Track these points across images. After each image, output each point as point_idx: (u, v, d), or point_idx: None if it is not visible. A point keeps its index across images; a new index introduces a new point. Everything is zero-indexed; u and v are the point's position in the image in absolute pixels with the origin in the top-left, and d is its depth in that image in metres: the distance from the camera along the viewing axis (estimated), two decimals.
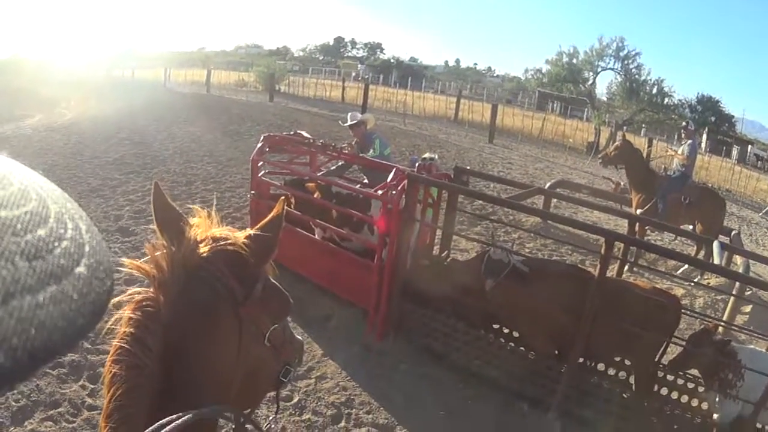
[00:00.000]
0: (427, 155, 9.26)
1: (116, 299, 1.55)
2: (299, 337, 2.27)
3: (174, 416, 1.49)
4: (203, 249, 1.75)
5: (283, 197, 1.99)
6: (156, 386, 1.62)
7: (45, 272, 0.58)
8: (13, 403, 5.69)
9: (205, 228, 1.83)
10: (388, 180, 7.67)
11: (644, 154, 14.66)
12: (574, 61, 46.10)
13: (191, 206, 1.94)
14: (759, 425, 6.26)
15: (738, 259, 10.93)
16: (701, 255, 11.79)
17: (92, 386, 6.05)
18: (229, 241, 1.80)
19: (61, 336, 0.58)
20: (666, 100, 45.34)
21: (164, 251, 1.71)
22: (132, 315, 1.65)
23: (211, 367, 1.73)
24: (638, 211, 12.46)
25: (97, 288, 0.65)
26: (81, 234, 0.67)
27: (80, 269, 0.63)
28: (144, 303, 1.67)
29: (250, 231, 1.90)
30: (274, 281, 1.98)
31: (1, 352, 0.51)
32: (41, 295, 0.56)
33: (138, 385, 1.60)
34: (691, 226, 12.75)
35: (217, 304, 1.74)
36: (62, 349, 0.59)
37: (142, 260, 1.68)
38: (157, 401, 1.60)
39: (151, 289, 1.68)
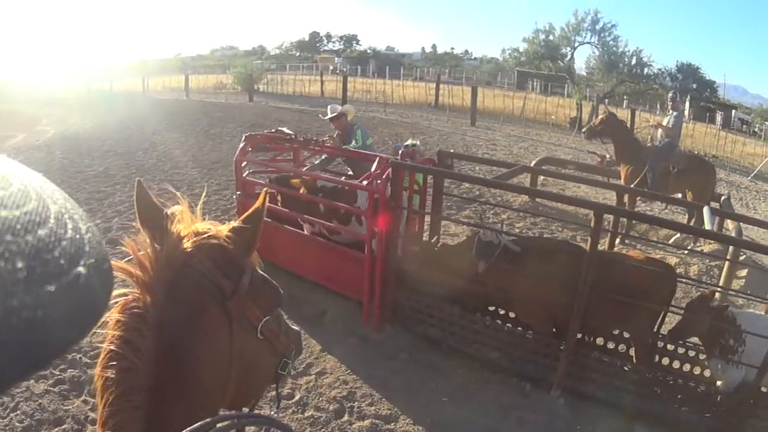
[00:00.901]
0: (409, 142, 9.24)
1: None
2: (296, 328, 2.24)
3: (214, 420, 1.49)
4: (186, 245, 1.73)
5: (265, 189, 1.97)
6: (150, 388, 1.60)
7: (45, 272, 0.58)
8: (18, 424, 5.70)
9: (187, 223, 1.80)
10: (372, 169, 7.65)
11: (629, 126, 14.62)
12: (551, 37, 46.24)
13: (171, 189, 1.92)
14: (764, 389, 6.27)
15: (730, 224, 10.94)
16: (693, 222, 11.80)
17: (94, 401, 6.01)
18: (212, 235, 1.78)
19: (60, 336, 0.58)
20: (645, 70, 45.58)
21: (148, 249, 1.68)
22: (120, 317, 1.63)
23: (204, 364, 1.71)
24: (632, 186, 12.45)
25: (97, 288, 0.65)
26: (81, 234, 0.66)
27: (80, 269, 0.63)
28: (131, 304, 1.65)
29: (232, 224, 1.87)
30: (262, 272, 1.96)
31: (0, 352, 0.52)
32: (41, 295, 0.57)
33: (131, 389, 1.58)
34: (680, 195, 12.76)
35: (204, 300, 1.71)
36: (62, 350, 0.59)
37: (125, 261, 1.65)
38: (152, 404, 1.58)
39: (137, 290, 1.66)
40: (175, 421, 1.52)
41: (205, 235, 1.76)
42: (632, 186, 12.27)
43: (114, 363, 1.59)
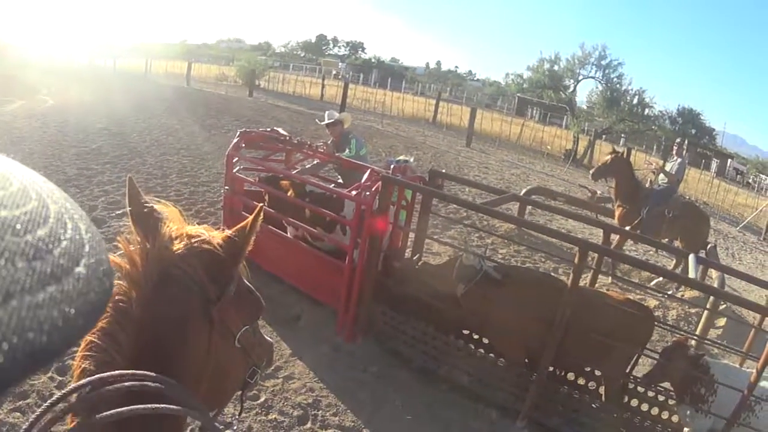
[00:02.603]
0: (402, 157, 9.21)
1: None
2: (269, 339, 2.25)
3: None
4: (178, 246, 1.72)
5: (260, 205, 1.95)
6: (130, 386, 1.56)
7: (44, 272, 0.59)
8: None
9: (179, 224, 1.80)
10: (363, 181, 7.65)
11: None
12: (555, 68, 46.25)
13: (163, 201, 1.89)
14: None
15: (713, 273, 10.95)
16: (680, 269, 11.83)
17: (60, 378, 6.00)
18: (205, 240, 1.78)
19: (60, 336, 0.58)
20: (646, 110, 45.57)
21: (138, 246, 1.68)
22: None
23: (181, 365, 1.69)
24: (627, 228, 12.43)
25: (96, 288, 0.65)
26: (80, 234, 0.67)
27: (80, 269, 0.63)
28: (116, 298, 1.64)
29: (226, 232, 1.87)
30: (247, 283, 1.97)
31: (1, 352, 0.51)
32: (41, 295, 0.57)
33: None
34: (668, 239, 12.79)
35: (189, 302, 1.71)
36: (62, 350, 0.59)
37: (116, 254, 1.63)
38: (126, 398, 1.55)
39: (124, 284, 1.64)
40: (148, 417, 1.50)
41: (197, 240, 1.76)
42: (627, 226, 12.29)
43: (93, 354, 1.59)
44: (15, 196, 0.60)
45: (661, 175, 13.19)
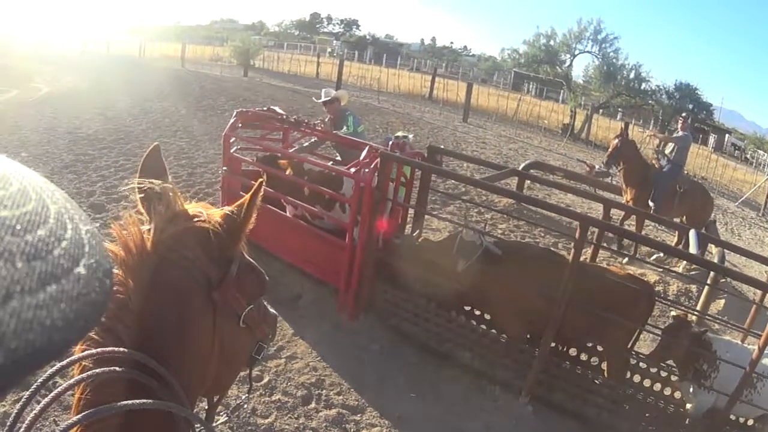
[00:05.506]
0: (400, 133, 9.19)
1: None
2: (273, 311, 2.17)
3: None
4: (175, 228, 1.64)
5: (261, 180, 1.86)
6: (129, 379, 1.52)
7: (44, 273, 0.59)
8: None
9: (177, 204, 1.70)
10: (361, 158, 7.62)
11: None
12: (552, 42, 46.35)
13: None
14: (733, 417, 6.29)
15: (713, 248, 10.95)
16: (681, 245, 11.81)
17: (60, 380, 5.97)
18: (203, 220, 1.69)
19: (60, 336, 0.59)
20: (643, 85, 45.65)
21: (133, 229, 1.58)
22: None
23: (186, 354, 1.64)
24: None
25: (96, 288, 0.65)
26: (80, 234, 0.67)
27: (80, 269, 0.63)
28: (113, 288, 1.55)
29: (225, 209, 1.79)
30: (249, 259, 1.89)
31: (1, 352, 0.52)
32: (41, 295, 0.57)
33: (110, 380, 1.51)
34: (678, 219, 12.75)
35: (190, 288, 1.64)
36: (62, 350, 0.59)
37: (111, 241, 1.57)
38: (130, 396, 1.50)
39: (120, 273, 1.56)
40: (154, 415, 1.49)
41: (195, 219, 1.68)
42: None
43: (94, 352, 1.52)
44: (15, 197, 0.60)
45: (670, 145, 13.11)
